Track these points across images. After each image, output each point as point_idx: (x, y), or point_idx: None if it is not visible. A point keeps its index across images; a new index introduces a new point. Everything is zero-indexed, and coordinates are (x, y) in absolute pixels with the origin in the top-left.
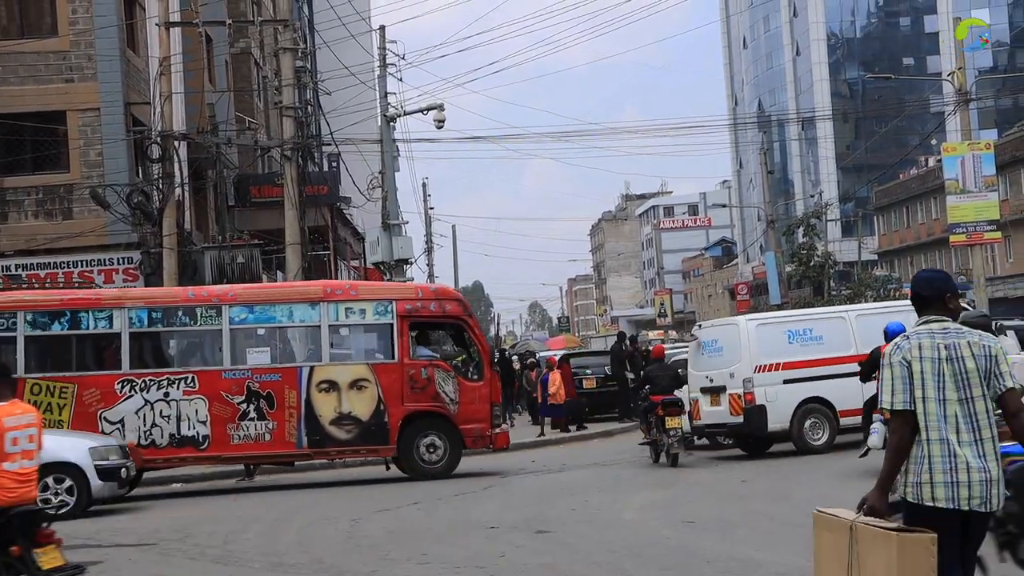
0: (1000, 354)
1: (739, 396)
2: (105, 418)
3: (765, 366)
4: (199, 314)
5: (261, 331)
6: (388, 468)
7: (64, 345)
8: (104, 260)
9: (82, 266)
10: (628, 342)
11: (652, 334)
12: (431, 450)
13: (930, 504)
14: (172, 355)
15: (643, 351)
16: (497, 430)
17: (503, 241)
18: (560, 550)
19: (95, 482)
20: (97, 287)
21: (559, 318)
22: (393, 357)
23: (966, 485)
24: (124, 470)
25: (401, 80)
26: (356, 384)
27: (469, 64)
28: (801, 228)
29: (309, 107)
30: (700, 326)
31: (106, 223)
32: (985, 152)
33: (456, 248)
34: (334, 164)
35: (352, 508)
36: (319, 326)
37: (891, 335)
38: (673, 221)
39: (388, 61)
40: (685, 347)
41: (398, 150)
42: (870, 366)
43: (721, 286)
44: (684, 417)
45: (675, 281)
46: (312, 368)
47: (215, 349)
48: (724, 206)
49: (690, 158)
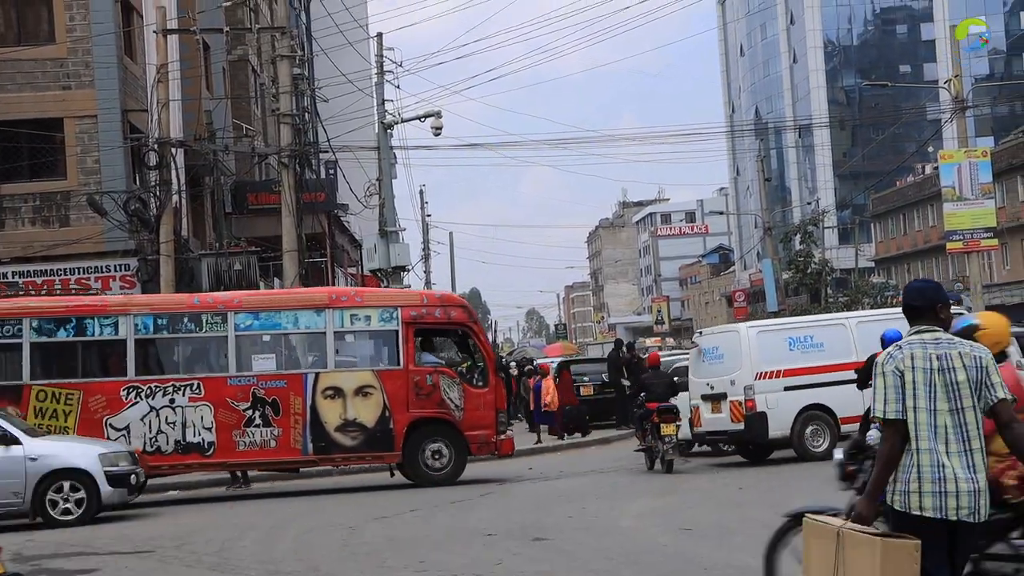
0: (991, 365)
1: (740, 403)
2: (111, 425)
3: (766, 373)
4: (204, 321)
5: (266, 338)
6: (392, 475)
7: (70, 352)
8: (101, 267)
9: (79, 273)
10: (625, 349)
11: (649, 341)
12: (436, 457)
13: (917, 513)
14: (177, 362)
15: (639, 358)
16: (502, 436)
17: (500, 248)
18: (557, 557)
19: (105, 488)
20: (102, 294)
21: (556, 325)
22: (398, 364)
23: (954, 495)
24: (134, 476)
25: (398, 87)
26: (361, 391)
27: (466, 71)
28: (798, 235)
29: (306, 114)
30: (701, 333)
31: (103, 230)
32: (982, 159)
33: (453, 255)
34: (331, 171)
35: (349, 515)
36: (324, 333)
37: (888, 342)
38: (670, 228)
39: (385, 68)
40: (683, 354)
41: (395, 157)
42: (866, 373)
43: (718, 293)
44: (683, 423)
45: (672, 288)
46: (317, 375)
47: (220, 356)
48: (721, 213)
49: (687, 165)
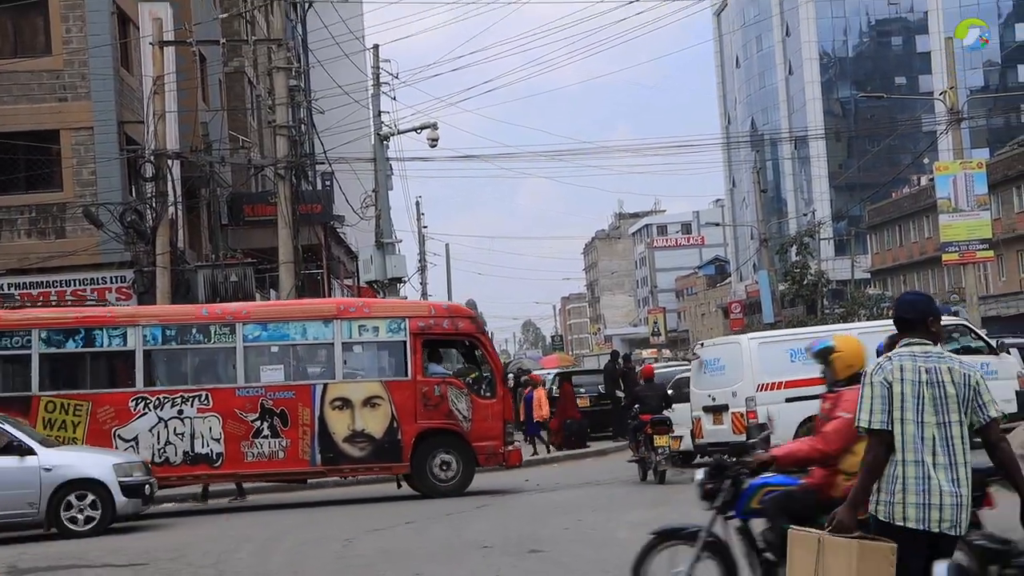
0: (982, 383)
1: (741, 415)
2: (119, 436)
3: (767, 384)
4: (213, 332)
5: (275, 348)
6: (400, 486)
7: (78, 363)
8: (97, 279)
9: (75, 285)
10: (621, 361)
11: (646, 352)
12: (444, 468)
13: (901, 524)
14: (186, 372)
15: (634, 370)
16: (510, 447)
17: (497, 260)
18: (554, 569)
19: (119, 498)
20: (107, 305)
21: (553, 337)
22: (406, 374)
23: (938, 508)
24: (147, 487)
25: (395, 99)
26: (369, 401)
27: (462, 83)
28: (794, 247)
29: (303, 126)
30: (702, 344)
31: (99, 242)
32: (977, 171)
33: (450, 266)
34: (327, 183)
35: (345, 527)
36: (332, 343)
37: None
38: (666, 240)
39: (381, 80)
40: (678, 365)
41: (392, 169)
42: None
43: (714, 305)
44: (685, 435)
45: (668, 300)
46: (326, 385)
47: (229, 366)
48: (717, 225)
49: (683, 177)
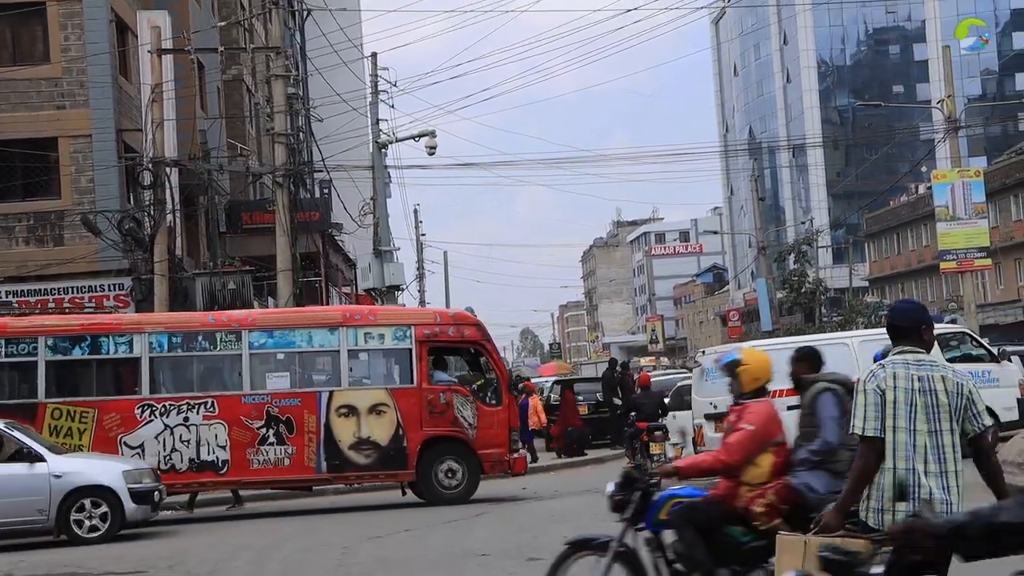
0: (976, 393)
1: None
2: (125, 443)
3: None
4: (219, 339)
5: (280, 356)
6: (404, 493)
7: (84, 370)
8: (95, 286)
9: (73, 292)
10: (619, 368)
11: (644, 360)
12: (450, 475)
13: None
14: (192, 380)
15: (632, 378)
16: (515, 455)
17: (495, 267)
18: None
19: (129, 505)
20: (105, 312)
21: (551, 344)
22: (412, 382)
23: None
24: (157, 493)
25: (393, 107)
26: (375, 409)
27: (461, 91)
28: (792, 255)
29: (301, 134)
30: (704, 352)
31: (97, 249)
32: (975, 179)
33: (448, 274)
34: (326, 191)
35: (343, 535)
36: (338, 351)
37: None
38: (664, 248)
39: (380, 88)
40: (676, 373)
41: (390, 177)
42: None
43: (712, 313)
44: (687, 442)
45: (666, 307)
46: (331, 393)
47: (235, 374)
48: (715, 233)
49: (681, 185)
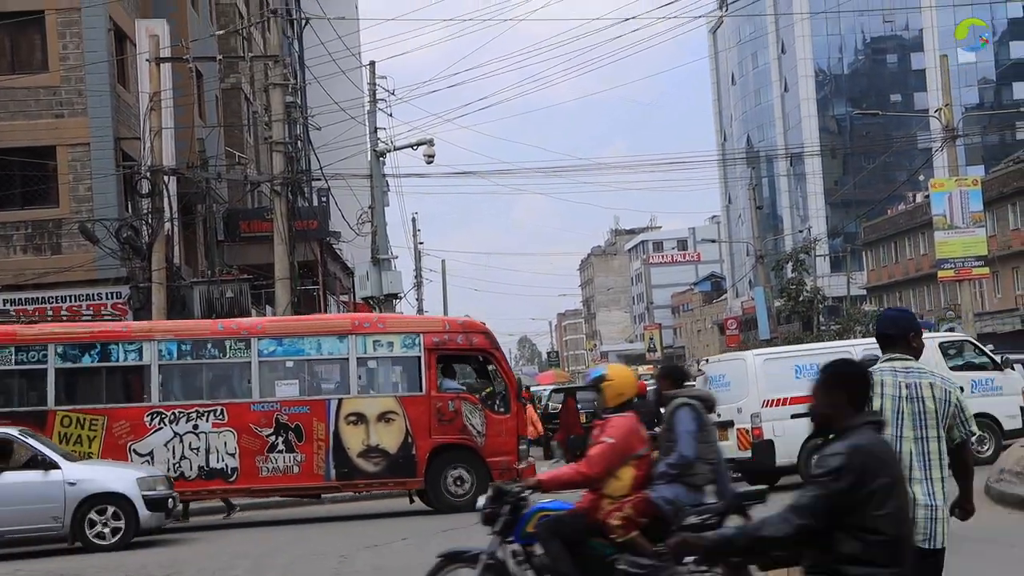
0: (964, 401)
1: (747, 431)
2: (135, 450)
3: (773, 401)
4: (228, 346)
5: (290, 363)
6: (412, 501)
7: (94, 377)
8: (93, 295)
9: (70, 301)
10: None
11: (642, 369)
12: (458, 483)
13: None
14: (201, 387)
15: None
16: (523, 463)
17: (493, 276)
18: None
19: (143, 512)
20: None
21: (549, 353)
22: (421, 390)
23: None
24: (170, 500)
25: (391, 115)
26: (384, 416)
27: (459, 100)
28: (790, 263)
29: (299, 142)
30: (708, 360)
31: (95, 258)
32: (972, 188)
33: (445, 283)
34: (324, 199)
35: (341, 544)
36: (347, 359)
37: None
38: (662, 256)
39: (378, 96)
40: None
41: (388, 185)
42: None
43: (710, 321)
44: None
45: (664, 316)
46: (340, 400)
47: (244, 381)
48: (713, 241)
49: (679, 193)
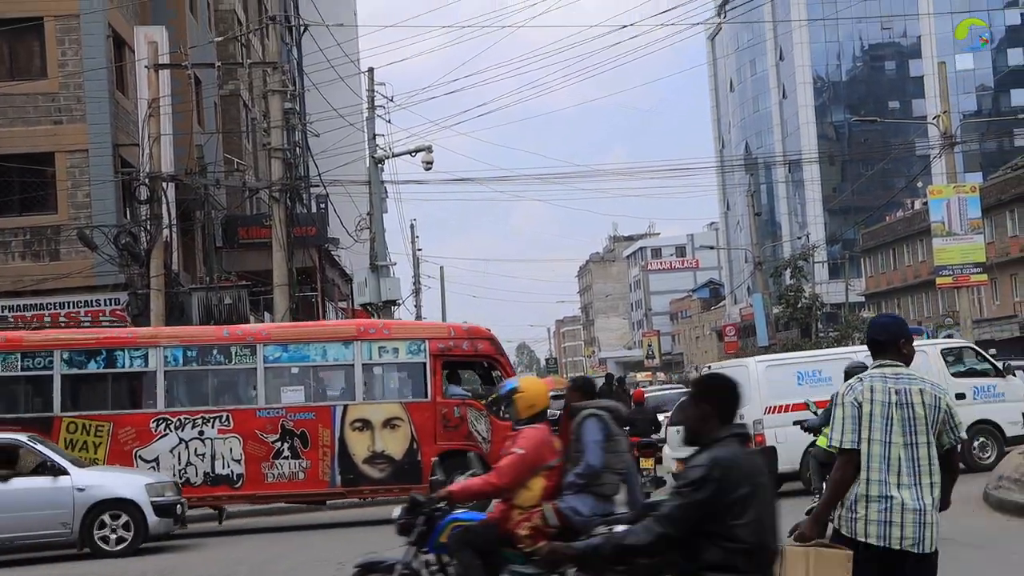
0: (954, 407)
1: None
2: (140, 456)
3: (775, 407)
4: (234, 353)
5: (295, 370)
6: None
7: (100, 384)
8: (91, 301)
9: (69, 307)
10: (616, 383)
11: (640, 375)
12: None
13: (862, 540)
14: (207, 393)
15: (627, 393)
16: None
17: (491, 282)
18: None
19: (152, 518)
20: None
21: (547, 359)
22: (426, 396)
23: (899, 525)
24: (179, 506)
25: (389, 122)
26: (389, 423)
27: (457, 106)
28: (788, 270)
29: (297, 149)
30: (709, 367)
31: (93, 264)
32: (971, 195)
33: (444, 289)
34: (322, 205)
35: (341, 550)
36: (353, 365)
37: None
38: (661, 263)
39: (376, 103)
40: (672, 388)
41: (386, 191)
42: (827, 415)
43: (709, 328)
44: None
45: (663, 323)
46: (346, 407)
47: (249, 388)
48: (711, 248)
49: (677, 200)
